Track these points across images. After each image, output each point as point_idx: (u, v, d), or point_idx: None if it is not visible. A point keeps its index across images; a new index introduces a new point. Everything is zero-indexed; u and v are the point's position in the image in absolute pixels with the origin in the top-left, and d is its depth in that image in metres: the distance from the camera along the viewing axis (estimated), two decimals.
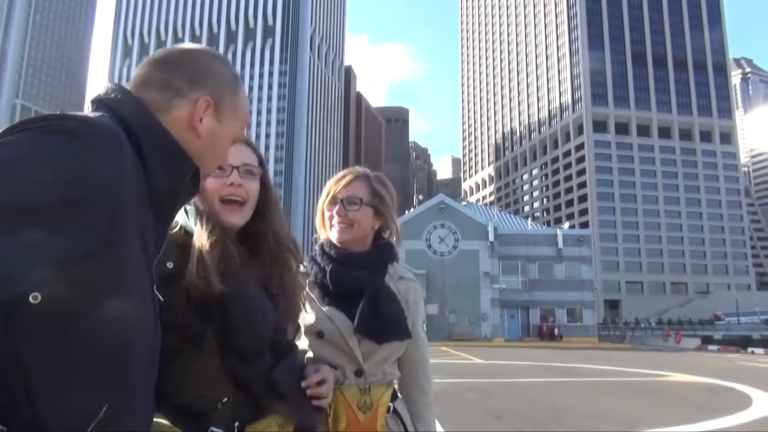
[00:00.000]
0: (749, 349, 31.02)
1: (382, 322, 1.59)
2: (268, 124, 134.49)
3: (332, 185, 1.72)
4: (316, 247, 1.73)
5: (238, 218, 1.31)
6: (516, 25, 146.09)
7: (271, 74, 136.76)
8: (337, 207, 1.68)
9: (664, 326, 64.21)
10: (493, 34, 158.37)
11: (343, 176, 1.73)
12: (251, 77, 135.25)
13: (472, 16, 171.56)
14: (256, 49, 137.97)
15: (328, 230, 1.71)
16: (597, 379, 14.70)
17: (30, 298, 0.70)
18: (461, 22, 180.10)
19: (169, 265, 1.16)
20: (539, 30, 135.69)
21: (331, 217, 1.69)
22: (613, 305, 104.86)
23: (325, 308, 1.61)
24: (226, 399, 1.17)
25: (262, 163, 1.39)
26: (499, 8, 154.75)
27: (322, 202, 1.73)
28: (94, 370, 0.76)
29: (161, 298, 0.95)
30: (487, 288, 41.71)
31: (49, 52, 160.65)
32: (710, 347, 34.31)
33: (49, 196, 0.70)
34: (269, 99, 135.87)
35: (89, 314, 0.75)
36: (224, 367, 1.17)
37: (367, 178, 1.73)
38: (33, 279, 0.69)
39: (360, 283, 1.63)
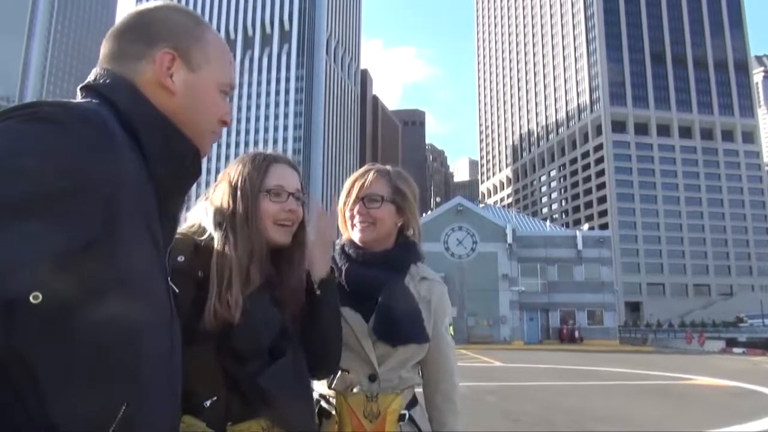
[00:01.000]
0: None
1: (398, 324, 1.51)
2: (285, 128, 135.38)
3: (352, 183, 1.66)
4: (337, 247, 1.66)
5: (287, 238, 1.35)
6: (532, 26, 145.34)
7: (287, 79, 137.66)
8: (359, 205, 1.62)
9: (686, 328, 63.19)
10: (509, 35, 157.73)
11: (363, 173, 1.67)
12: (268, 82, 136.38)
13: (489, 17, 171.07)
14: (273, 54, 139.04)
15: (350, 230, 1.64)
16: (618, 382, 14.48)
17: (30, 298, 0.66)
18: (477, 23, 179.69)
19: (180, 258, 1.17)
20: (556, 30, 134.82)
21: (352, 216, 1.63)
22: (634, 307, 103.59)
23: (340, 309, 1.52)
24: (216, 398, 1.18)
25: (303, 187, 1.45)
26: (515, 9, 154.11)
27: (343, 201, 1.66)
28: (107, 367, 0.73)
29: (176, 290, 0.92)
30: (506, 290, 41.46)
31: (70, 60, 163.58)
32: (735, 350, 33.67)
33: (37, 188, 0.66)
34: (286, 104, 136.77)
35: (95, 309, 0.71)
36: (219, 366, 1.18)
37: (387, 174, 1.67)
38: (30, 277, 0.66)
39: (375, 283, 1.56)
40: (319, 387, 1.53)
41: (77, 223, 0.69)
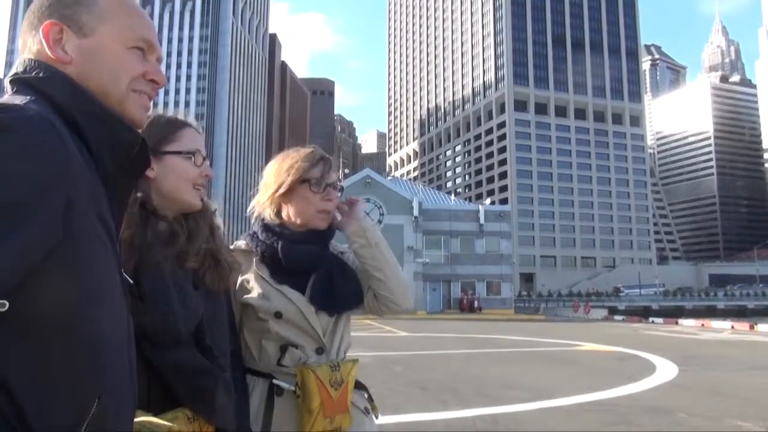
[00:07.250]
0: (650, 319, 33.34)
1: (339, 293, 1.60)
2: (188, 91, 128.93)
3: (319, 166, 1.65)
4: (255, 224, 1.68)
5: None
6: (443, 1, 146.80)
7: (191, 39, 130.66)
8: (331, 192, 1.65)
9: (574, 298, 67.86)
10: (420, 8, 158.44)
11: (324, 159, 1.68)
12: (169, 41, 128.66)
13: None
14: (175, 11, 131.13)
15: (308, 213, 1.64)
16: (516, 349, 15.26)
17: None
18: None
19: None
20: (465, 7, 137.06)
21: (317, 201, 1.63)
22: (528, 278, 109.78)
23: (278, 287, 1.58)
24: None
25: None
26: None
27: (294, 178, 1.62)
28: (77, 366, 0.73)
29: (131, 281, 0.93)
30: (411, 262, 42.32)
31: None
32: (616, 317, 36.62)
33: None
34: (189, 65, 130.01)
35: (61, 310, 0.72)
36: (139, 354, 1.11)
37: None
38: None
39: (313, 258, 1.62)
40: (267, 366, 1.56)
41: (39, 231, 0.69)
